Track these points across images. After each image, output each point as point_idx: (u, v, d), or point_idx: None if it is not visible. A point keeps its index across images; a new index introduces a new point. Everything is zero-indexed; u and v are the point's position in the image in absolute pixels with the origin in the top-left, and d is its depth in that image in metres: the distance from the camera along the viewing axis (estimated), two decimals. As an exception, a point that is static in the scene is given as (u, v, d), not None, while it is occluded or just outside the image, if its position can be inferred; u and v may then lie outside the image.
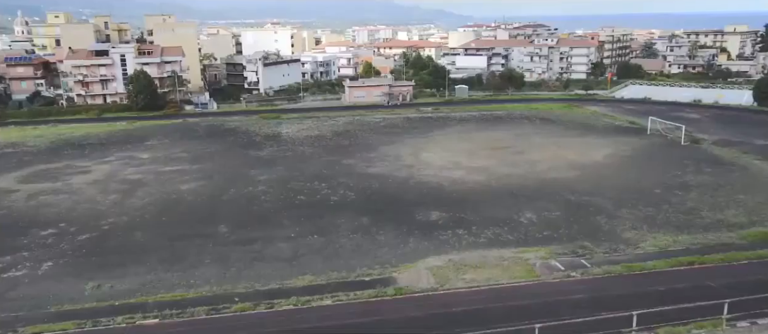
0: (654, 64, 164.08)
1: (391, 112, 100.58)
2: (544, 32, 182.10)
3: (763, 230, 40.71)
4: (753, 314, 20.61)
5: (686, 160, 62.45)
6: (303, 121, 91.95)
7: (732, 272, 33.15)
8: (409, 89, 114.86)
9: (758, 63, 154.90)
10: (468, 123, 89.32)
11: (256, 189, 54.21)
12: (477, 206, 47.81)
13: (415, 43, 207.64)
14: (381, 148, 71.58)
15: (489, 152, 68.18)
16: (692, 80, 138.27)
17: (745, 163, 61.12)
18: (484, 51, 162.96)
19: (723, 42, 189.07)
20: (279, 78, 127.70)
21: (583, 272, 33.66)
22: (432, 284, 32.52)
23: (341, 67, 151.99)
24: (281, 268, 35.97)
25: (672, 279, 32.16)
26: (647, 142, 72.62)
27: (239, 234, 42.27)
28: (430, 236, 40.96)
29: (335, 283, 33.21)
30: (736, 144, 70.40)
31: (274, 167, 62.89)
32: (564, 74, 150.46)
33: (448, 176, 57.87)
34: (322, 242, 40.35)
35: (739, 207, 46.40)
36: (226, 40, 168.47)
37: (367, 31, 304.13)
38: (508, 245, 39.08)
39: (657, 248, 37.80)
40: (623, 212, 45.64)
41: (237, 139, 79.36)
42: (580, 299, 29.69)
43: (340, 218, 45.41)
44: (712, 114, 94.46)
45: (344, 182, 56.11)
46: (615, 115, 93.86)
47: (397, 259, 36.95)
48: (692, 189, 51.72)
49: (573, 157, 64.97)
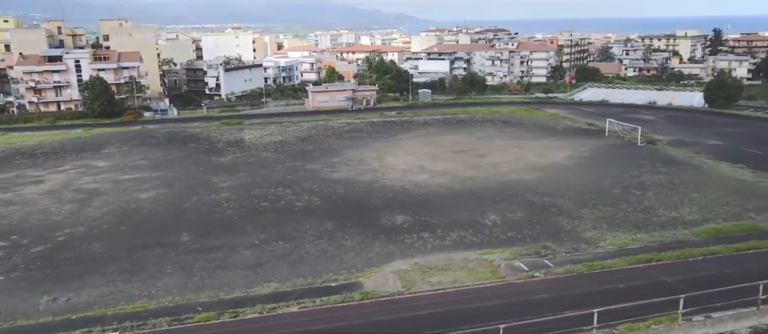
0: (611, 68, 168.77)
1: (355, 116, 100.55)
2: (504, 36, 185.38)
3: (715, 227, 42.21)
4: (707, 308, 21.30)
5: (643, 160, 64.30)
6: (266, 127, 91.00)
7: (687, 268, 34.22)
8: (373, 94, 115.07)
9: (708, 66, 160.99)
10: (431, 127, 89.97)
11: (218, 196, 53.32)
12: (441, 208, 48.14)
13: (378, 48, 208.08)
14: (345, 152, 71.41)
15: (452, 155, 68.79)
16: (647, 83, 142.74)
17: (698, 163, 63.32)
18: (447, 55, 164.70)
19: (675, 46, 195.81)
20: (241, 83, 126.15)
21: (546, 271, 34.21)
22: (398, 287, 32.54)
23: (304, 72, 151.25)
24: (246, 276, 35.43)
25: (631, 277, 32.98)
26: (605, 144, 74.51)
27: (202, 242, 41.46)
28: (395, 240, 41.01)
29: (301, 289, 32.89)
30: (689, 144, 72.92)
31: (237, 173, 62.01)
32: (525, 78, 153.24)
33: (412, 179, 58.12)
34: (287, 249, 39.94)
35: (693, 205, 48.00)
36: (186, 45, 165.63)
37: (330, 35, 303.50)
38: (472, 247, 39.45)
39: (616, 246, 38.74)
40: (584, 212, 46.65)
41: (198, 145, 77.96)
42: (544, 299, 30.17)
43: (305, 223, 45.06)
44: (666, 115, 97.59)
45: (309, 187, 55.73)
46: (574, 117, 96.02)
47: (363, 263, 36.87)
48: (649, 189, 53.27)
49: (534, 159, 66.13)
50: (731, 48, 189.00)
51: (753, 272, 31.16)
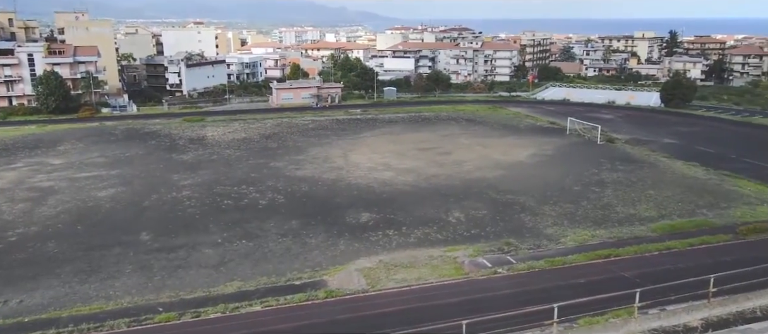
0: (572, 67, 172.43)
1: (320, 114, 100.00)
2: (469, 35, 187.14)
3: (670, 223, 43.58)
4: (662, 301, 21.95)
5: (602, 158, 65.89)
6: (229, 124, 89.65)
7: (644, 263, 35.23)
8: (338, 91, 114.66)
9: (664, 67, 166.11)
10: (396, 125, 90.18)
11: (179, 194, 52.25)
12: (406, 206, 48.31)
13: (343, 45, 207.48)
14: (310, 150, 70.95)
15: (417, 153, 69.12)
16: (607, 83, 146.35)
17: (654, 161, 65.25)
18: (412, 53, 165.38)
19: (633, 47, 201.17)
20: (203, 79, 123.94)
21: (508, 268, 34.70)
22: (363, 285, 32.49)
23: (268, 69, 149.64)
24: (208, 275, 34.82)
25: (591, 272, 33.75)
26: (567, 142, 76.05)
27: (162, 241, 40.55)
28: (360, 238, 40.95)
29: (265, 288, 32.52)
30: (646, 143, 75.08)
31: (199, 171, 60.89)
32: (488, 76, 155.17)
33: (377, 177, 58.15)
34: (250, 247, 39.42)
35: (649, 202, 49.43)
36: (146, 40, 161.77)
37: (295, 32, 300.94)
38: (437, 244, 39.71)
39: (577, 242, 39.57)
40: (546, 208, 47.50)
41: (159, 142, 76.23)
42: (507, 294, 30.59)
43: (269, 221, 44.57)
44: (624, 114, 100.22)
45: (272, 185, 55.15)
46: (536, 116, 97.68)
47: (328, 261, 36.69)
48: (608, 186, 54.60)
49: (498, 157, 67.00)
50: (686, 50, 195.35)
51: (705, 266, 32.29)
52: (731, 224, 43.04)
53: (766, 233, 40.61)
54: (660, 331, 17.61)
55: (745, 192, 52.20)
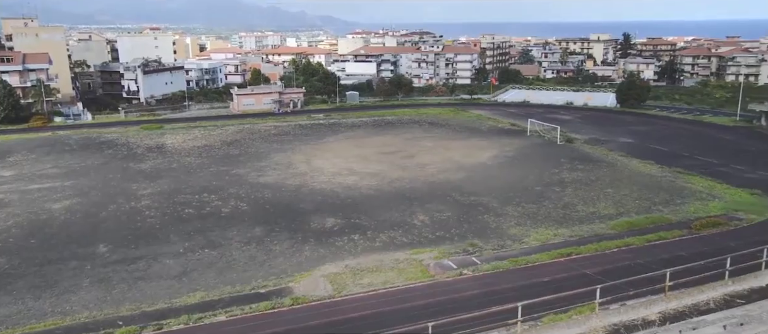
0: (531, 70, 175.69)
1: (282, 119, 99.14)
2: (430, 39, 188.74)
3: (628, 220, 44.78)
4: (622, 296, 22.50)
5: (562, 158, 67.29)
6: (189, 131, 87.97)
7: (604, 259, 36.08)
8: (300, 96, 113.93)
9: (619, 68, 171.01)
10: (359, 129, 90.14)
11: (138, 204, 50.93)
12: (371, 210, 48.28)
13: (304, 50, 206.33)
14: (273, 156, 70.22)
15: (381, 157, 69.21)
16: (565, 84, 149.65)
17: (612, 160, 67.01)
18: (374, 57, 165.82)
19: (589, 49, 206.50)
20: (161, 86, 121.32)
21: (474, 269, 35.03)
22: (329, 291, 32.30)
23: (228, 75, 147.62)
24: (170, 286, 34.00)
25: (553, 270, 34.36)
26: (528, 143, 77.38)
27: (121, 253, 39.42)
28: (325, 243, 40.70)
29: (229, 297, 31.96)
30: (604, 142, 77.07)
31: (159, 179, 59.51)
32: (450, 80, 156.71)
33: (341, 182, 57.95)
34: (213, 256, 38.70)
35: (608, 200, 50.71)
36: (100, 46, 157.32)
37: (255, 37, 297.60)
38: (402, 247, 39.79)
39: (539, 241, 40.25)
40: (508, 209, 48.18)
41: (116, 151, 74.20)
42: (472, 295, 30.85)
43: (232, 229, 43.87)
44: (582, 115, 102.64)
45: (235, 192, 54.33)
46: (498, 118, 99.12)
47: (293, 268, 36.32)
48: (568, 185, 55.78)
49: (461, 159, 67.66)
50: (639, 51, 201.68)
51: (662, 261, 33.35)
52: (685, 219, 44.53)
53: (718, 227, 42.19)
54: (620, 326, 18.03)
55: (698, 188, 54.11)
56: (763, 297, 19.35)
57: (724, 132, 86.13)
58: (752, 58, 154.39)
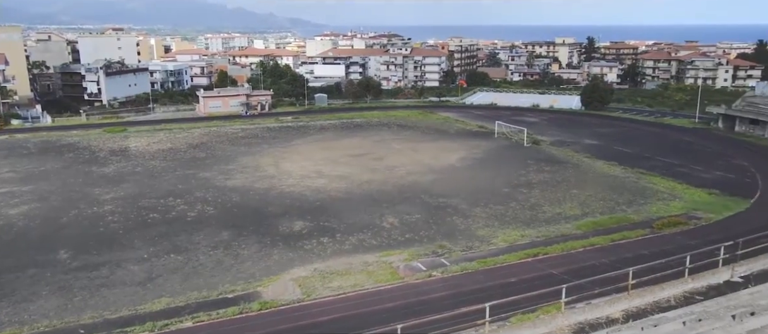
0: (498, 73, 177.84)
1: (250, 122, 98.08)
2: (398, 42, 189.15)
3: (593, 220, 45.70)
4: (587, 295, 22.91)
5: (529, 160, 68.27)
6: (154, 134, 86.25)
7: (570, 259, 36.74)
8: (268, 98, 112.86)
9: (584, 71, 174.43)
10: (328, 131, 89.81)
11: (101, 209, 49.66)
12: (340, 213, 48.11)
13: (272, 52, 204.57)
14: (240, 159, 69.37)
15: (350, 159, 69.06)
16: (531, 87, 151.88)
17: (577, 161, 68.30)
18: (342, 60, 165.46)
19: (555, 52, 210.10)
20: (125, 88, 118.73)
21: (443, 270, 35.24)
22: (298, 295, 32.06)
23: (194, 77, 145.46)
24: (134, 292, 33.23)
25: (521, 270, 34.84)
26: (495, 145, 78.29)
27: (83, 260, 38.34)
28: (294, 247, 40.38)
29: (196, 303, 31.41)
30: (569, 144, 78.51)
31: (122, 184, 58.14)
32: (419, 82, 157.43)
33: (310, 184, 57.61)
34: (179, 261, 37.98)
35: (573, 201, 51.65)
36: (60, 47, 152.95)
37: (221, 39, 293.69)
38: (372, 250, 39.75)
39: (507, 242, 40.74)
40: (477, 211, 48.62)
41: (77, 155, 72.21)
42: (441, 297, 31.03)
43: (199, 234, 43.13)
44: (548, 117, 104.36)
45: (201, 196, 53.47)
46: (466, 120, 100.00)
47: (262, 272, 35.93)
48: (535, 187, 56.61)
49: (430, 161, 68.02)
50: (603, 55, 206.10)
51: (625, 260, 34.11)
52: (648, 219, 45.69)
53: (678, 226, 43.45)
54: (585, 324, 18.34)
55: (659, 189, 55.58)
56: (720, 294, 19.95)
57: (683, 134, 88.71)
58: (709, 62, 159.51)
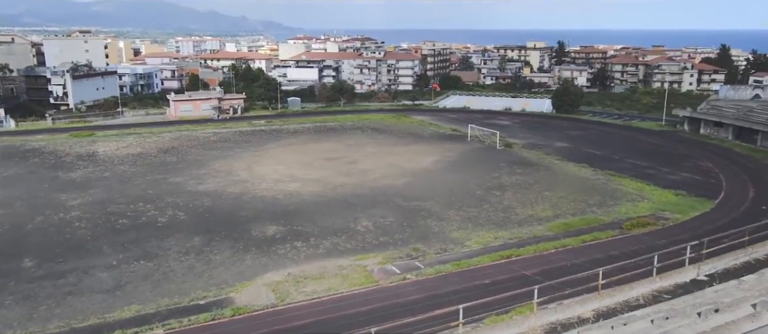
0: (471, 76, 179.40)
1: (222, 126, 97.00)
2: (372, 45, 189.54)
3: (565, 222, 46.35)
4: (559, 296, 23.20)
5: (501, 162, 68.95)
6: (123, 139, 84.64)
7: (543, 260, 37.17)
8: (240, 102, 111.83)
9: (554, 75, 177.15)
10: (302, 135, 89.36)
11: (68, 215, 48.47)
12: (314, 217, 47.87)
13: (244, 55, 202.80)
14: (212, 163, 68.50)
15: (324, 163, 68.81)
16: (503, 90, 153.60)
17: (549, 164, 69.24)
18: (315, 63, 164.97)
19: (526, 56, 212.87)
20: (92, 92, 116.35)
21: (417, 273, 35.31)
22: (272, 300, 31.76)
23: (165, 80, 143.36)
24: (102, 300, 32.48)
25: (495, 272, 35.10)
26: (468, 148, 78.87)
27: (49, 267, 37.34)
28: (267, 252, 40.01)
29: (167, 310, 30.85)
30: (541, 146, 79.56)
31: (90, 189, 56.86)
32: (392, 86, 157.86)
33: (283, 188, 57.20)
34: (149, 268, 37.28)
35: (545, 202, 52.32)
36: (24, 50, 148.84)
37: (192, 42, 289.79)
38: (346, 253, 39.62)
39: (481, 244, 41.02)
40: (451, 213, 48.88)
41: (43, 160, 70.41)
42: (416, 300, 31.08)
43: (170, 240, 42.42)
44: (520, 120, 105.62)
45: (172, 201, 52.61)
46: (439, 123, 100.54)
47: (234, 278, 35.48)
48: (507, 189, 57.19)
49: (403, 164, 68.17)
50: (573, 59, 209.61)
51: (596, 261, 34.70)
52: (617, 220, 46.53)
53: (647, 227, 44.36)
54: (557, 324, 18.61)
55: (628, 190, 56.68)
56: (686, 292, 20.45)
57: (651, 136, 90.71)
58: (675, 66, 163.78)
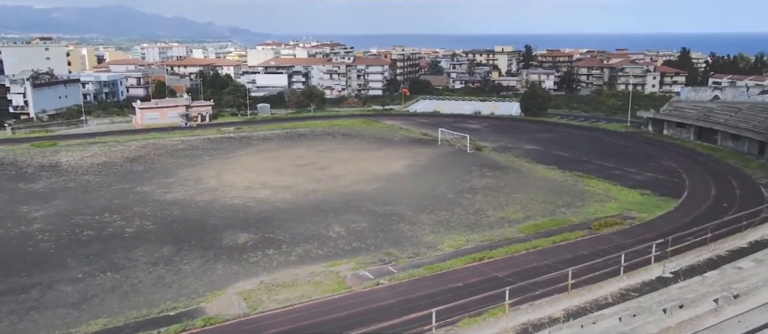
0: (440, 80, 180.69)
1: (190, 133, 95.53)
2: (341, 51, 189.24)
3: (535, 223, 46.95)
4: (530, 296, 23.49)
5: (472, 166, 69.53)
6: (87, 148, 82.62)
7: (514, 262, 37.58)
8: (209, 109, 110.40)
9: (522, 79, 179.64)
10: (272, 141, 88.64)
11: (30, 228, 47.03)
12: (286, 224, 47.46)
13: (212, 62, 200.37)
14: (180, 172, 67.37)
15: (294, 169, 68.35)
16: (472, 94, 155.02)
17: (518, 166, 70.11)
18: (285, 69, 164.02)
19: (495, 60, 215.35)
20: (54, 100, 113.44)
21: (390, 278, 35.29)
22: (244, 309, 31.34)
23: (130, 88, 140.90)
24: (67, 314, 31.55)
25: (467, 275, 35.31)
26: (439, 152, 79.33)
27: (10, 282, 36.10)
28: (239, 260, 39.49)
29: (135, 322, 30.16)
30: (511, 149, 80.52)
31: (53, 200, 55.32)
32: (362, 91, 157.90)
33: (254, 196, 56.60)
34: (117, 280, 36.40)
35: (516, 205, 52.92)
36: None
37: (158, 48, 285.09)
38: (318, 260, 39.38)
39: (453, 247, 41.23)
40: (423, 217, 49.04)
41: (2, 171, 68.22)
42: (390, 304, 31.03)
43: (138, 250, 41.51)
44: (490, 124, 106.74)
45: (140, 211, 51.54)
46: (410, 128, 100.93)
47: (205, 288, 34.90)
48: (478, 192, 57.68)
49: (375, 169, 68.17)
50: (540, 63, 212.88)
51: (566, 261, 35.22)
52: (586, 220, 47.34)
53: (614, 226, 45.24)
54: (528, 324, 18.82)
55: (596, 191, 57.76)
56: (652, 289, 20.92)
57: (616, 137, 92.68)
58: (639, 68, 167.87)
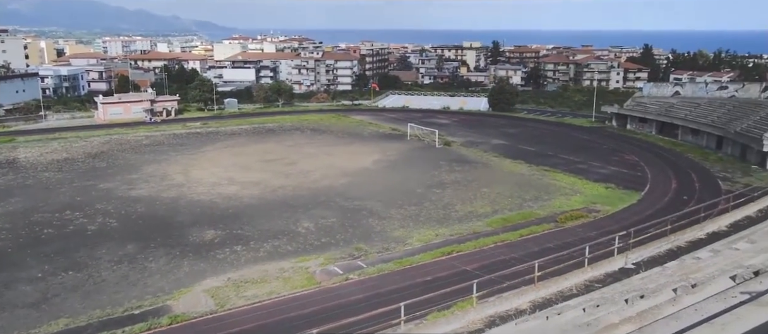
0: (409, 76, 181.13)
1: (155, 129, 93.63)
2: (309, 46, 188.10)
3: (503, 217, 47.54)
4: (498, 289, 23.78)
5: (441, 160, 69.97)
6: (47, 144, 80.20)
7: (482, 256, 38.00)
8: (174, 104, 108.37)
9: (490, 74, 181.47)
10: (239, 137, 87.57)
11: (-13, 227, 45.47)
12: (254, 220, 46.99)
13: (177, 56, 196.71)
14: (145, 168, 66.01)
15: (263, 165, 67.67)
16: (441, 89, 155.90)
17: (486, 161, 70.85)
18: (252, 64, 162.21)
19: (463, 56, 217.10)
20: (11, 95, 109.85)
21: (359, 273, 35.30)
22: (211, 306, 30.92)
23: (92, 82, 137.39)
24: (27, 315, 30.62)
25: (436, 269, 35.57)
26: (408, 147, 79.58)
27: (-34, 283, 34.90)
28: (206, 257, 38.93)
29: (98, 322, 29.45)
30: (479, 144, 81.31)
31: (10, 199, 53.55)
32: (331, 86, 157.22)
33: (221, 192, 55.84)
34: (79, 279, 35.47)
35: (484, 199, 53.49)
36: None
37: (121, 42, 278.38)
38: (287, 256, 39.10)
39: (422, 242, 41.45)
40: (392, 212, 49.15)
41: (-43, 168, 65.75)
42: (359, 299, 31.05)
43: (101, 248, 40.52)
44: (458, 119, 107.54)
45: (103, 208, 50.31)
46: (379, 123, 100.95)
47: (171, 285, 34.30)
48: (447, 186, 58.08)
49: (344, 164, 68.00)
50: (507, 58, 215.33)
51: (533, 253, 35.76)
52: (552, 214, 48.16)
53: (579, 219, 46.17)
54: (495, 316, 19.03)
55: (562, 185, 58.79)
56: (615, 280, 21.39)
57: (582, 132, 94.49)
58: (603, 65, 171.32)
